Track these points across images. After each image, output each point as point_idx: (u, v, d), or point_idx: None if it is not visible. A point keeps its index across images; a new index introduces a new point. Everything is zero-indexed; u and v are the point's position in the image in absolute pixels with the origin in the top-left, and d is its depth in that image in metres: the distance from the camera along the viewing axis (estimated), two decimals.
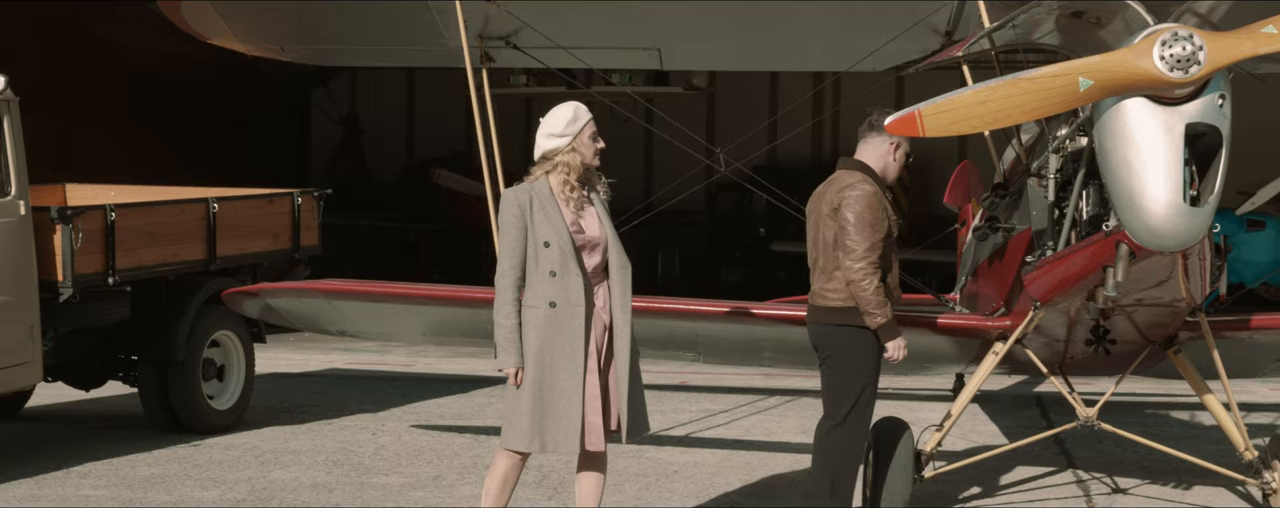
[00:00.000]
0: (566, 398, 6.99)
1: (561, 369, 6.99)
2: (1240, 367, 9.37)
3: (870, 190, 7.57)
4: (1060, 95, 6.93)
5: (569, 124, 7.05)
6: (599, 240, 7.12)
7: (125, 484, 9.23)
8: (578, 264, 7.02)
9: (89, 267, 9.91)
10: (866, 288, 7.50)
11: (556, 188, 7.09)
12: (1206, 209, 7.11)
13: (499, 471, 7.19)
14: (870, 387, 7.71)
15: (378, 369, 14.77)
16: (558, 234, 7.00)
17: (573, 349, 6.99)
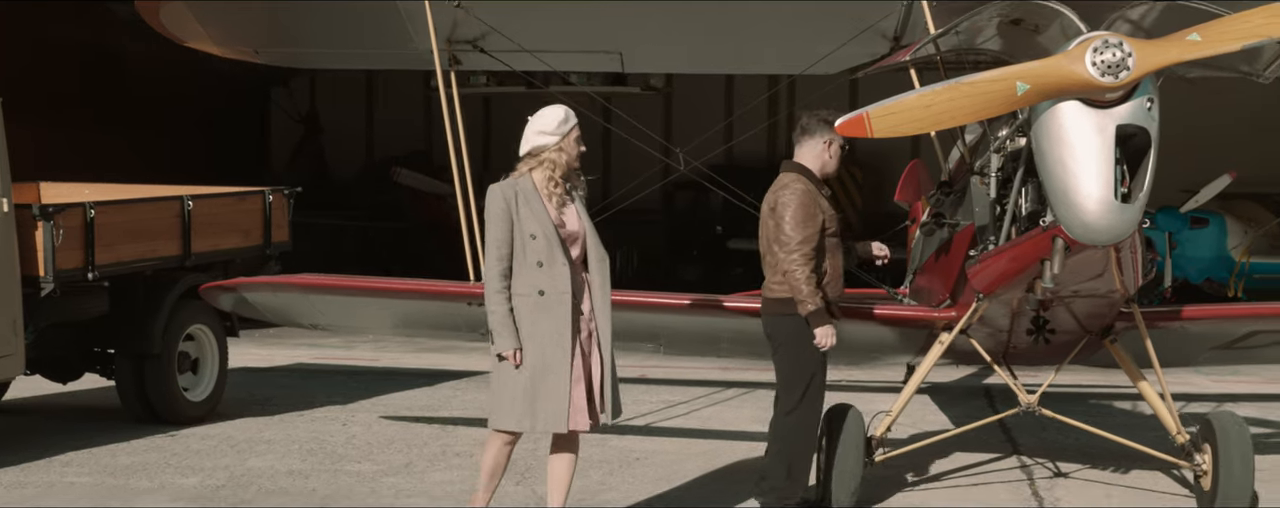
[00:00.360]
0: (556, 380, 7.45)
1: (550, 353, 7.45)
2: (1175, 356, 9.91)
3: (802, 189, 8.15)
4: (999, 98, 7.44)
5: (560, 125, 7.53)
6: (579, 234, 7.60)
7: (107, 472, 9.64)
8: (563, 254, 7.49)
9: (69, 262, 10.30)
10: (799, 278, 8.06)
11: (541, 183, 7.56)
12: (1137, 206, 7.62)
13: (492, 452, 7.65)
14: (819, 374, 8.22)
15: (343, 364, 15.18)
16: (543, 227, 7.46)
17: (560, 334, 7.45)
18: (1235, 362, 11.04)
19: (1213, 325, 9.54)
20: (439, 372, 14.38)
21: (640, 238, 24.96)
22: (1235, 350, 10.10)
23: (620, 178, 21.09)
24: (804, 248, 8.08)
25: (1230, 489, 8.61)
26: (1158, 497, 9.29)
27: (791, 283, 8.12)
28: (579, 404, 7.50)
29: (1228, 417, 8.82)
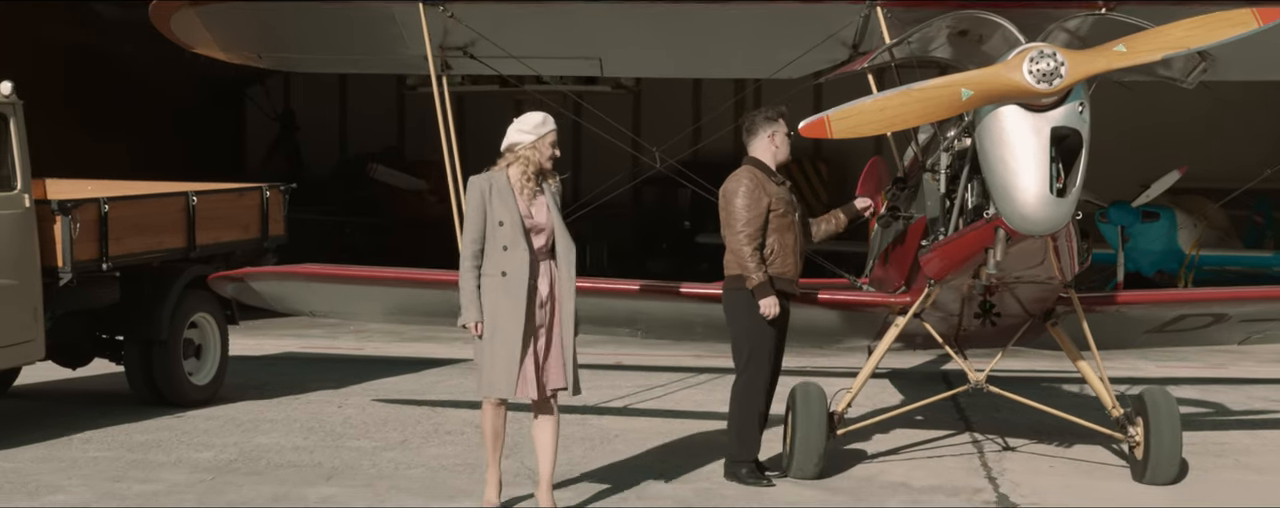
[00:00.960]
0: (508, 352, 8.37)
1: (507, 328, 8.38)
2: (1113, 339, 10.88)
3: (748, 178, 9.32)
4: (945, 103, 8.37)
5: (537, 127, 8.45)
6: (545, 226, 8.51)
7: (126, 448, 10.49)
8: (526, 242, 8.41)
9: (85, 254, 11.16)
10: (745, 254, 9.21)
11: (514, 177, 8.49)
12: (1070, 199, 8.56)
13: (485, 418, 8.55)
14: (763, 343, 9.26)
15: (330, 352, 16.05)
16: (511, 216, 8.40)
17: (516, 312, 8.38)
18: (1170, 344, 11.99)
19: (1144, 310, 10.50)
20: (422, 360, 15.25)
21: (610, 232, 25.91)
22: (1168, 333, 11.07)
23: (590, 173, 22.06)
24: (748, 229, 9.18)
25: (1160, 459, 9.56)
26: (1097, 468, 10.22)
27: (738, 259, 9.21)
28: (529, 376, 8.43)
29: (1159, 392, 9.77)
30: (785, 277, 9.38)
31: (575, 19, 10.49)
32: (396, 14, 10.48)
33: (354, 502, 8.98)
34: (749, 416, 9.43)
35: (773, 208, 9.25)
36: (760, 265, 9.21)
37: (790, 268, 9.39)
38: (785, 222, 9.28)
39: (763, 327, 9.25)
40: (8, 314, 10.61)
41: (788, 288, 9.42)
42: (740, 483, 9.38)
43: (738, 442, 9.41)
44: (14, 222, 10.69)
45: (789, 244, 9.29)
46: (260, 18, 10.75)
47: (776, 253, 9.31)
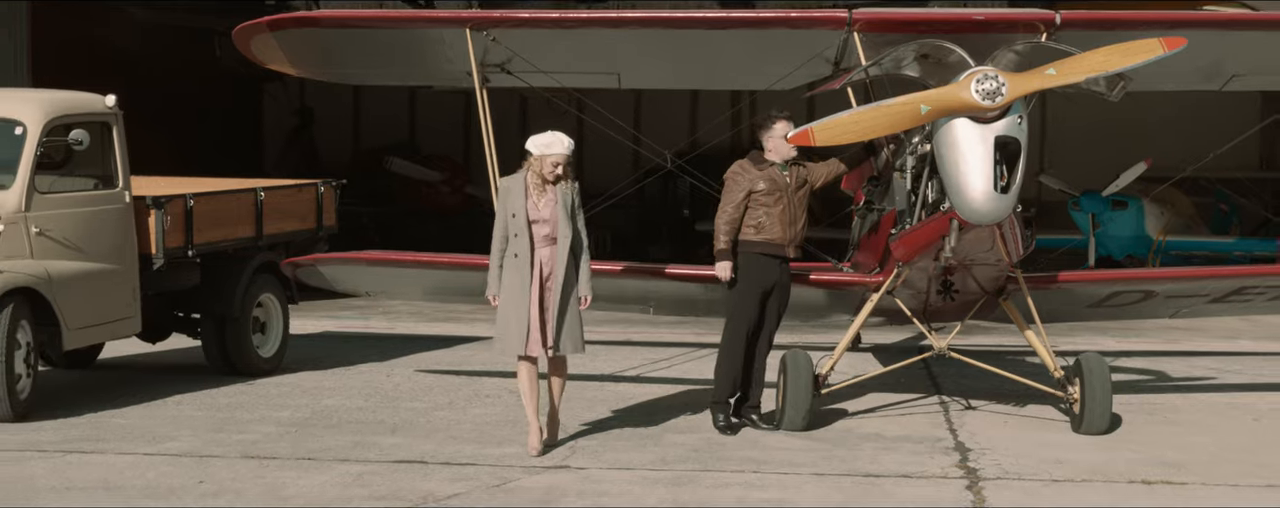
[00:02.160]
0: (517, 318, 10.71)
1: (515, 298, 10.73)
2: (1060, 312, 13.02)
3: (734, 169, 11.58)
4: (908, 116, 10.50)
5: (544, 146, 10.71)
6: (548, 219, 10.74)
7: (214, 409, 12.60)
8: (529, 231, 10.69)
9: (174, 242, 13.26)
10: (718, 227, 11.53)
11: (530, 180, 10.65)
12: (1012, 195, 10.66)
13: (520, 379, 10.70)
14: (743, 301, 11.49)
15: (366, 331, 18.10)
16: (518, 210, 10.69)
17: (522, 286, 10.74)
18: (1110, 318, 14.11)
19: (1082, 287, 12.65)
20: (451, 337, 17.32)
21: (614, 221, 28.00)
22: (1107, 308, 13.21)
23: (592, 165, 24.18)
24: (726, 207, 11.48)
25: (1093, 413, 11.69)
26: (1043, 422, 12.32)
27: (715, 230, 11.26)
28: (534, 337, 10.75)
29: (1093, 358, 11.89)
30: (773, 242, 11.54)
31: (596, 40, 12.60)
32: (444, 36, 12.56)
33: (421, 446, 11.10)
34: (728, 360, 11.58)
35: (759, 190, 11.37)
36: (726, 238, 11.53)
37: (778, 235, 11.52)
38: (773, 199, 11.40)
39: (742, 291, 11.42)
40: (112, 294, 12.73)
41: (777, 252, 11.57)
42: (714, 424, 11.54)
43: (716, 383, 11.62)
44: (117, 215, 12.80)
45: (776, 216, 11.40)
46: (325, 41, 12.84)
47: (765, 224, 11.48)
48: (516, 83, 12.92)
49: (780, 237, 11.53)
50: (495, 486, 9.94)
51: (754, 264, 11.54)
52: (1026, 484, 10.14)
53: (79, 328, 12.40)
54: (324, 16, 12.91)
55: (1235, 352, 17.12)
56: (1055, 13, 11.75)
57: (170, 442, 11.25)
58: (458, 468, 10.42)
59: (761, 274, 11.53)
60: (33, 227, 12.11)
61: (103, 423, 11.90)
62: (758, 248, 11.48)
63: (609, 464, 10.61)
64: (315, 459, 10.70)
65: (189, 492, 9.72)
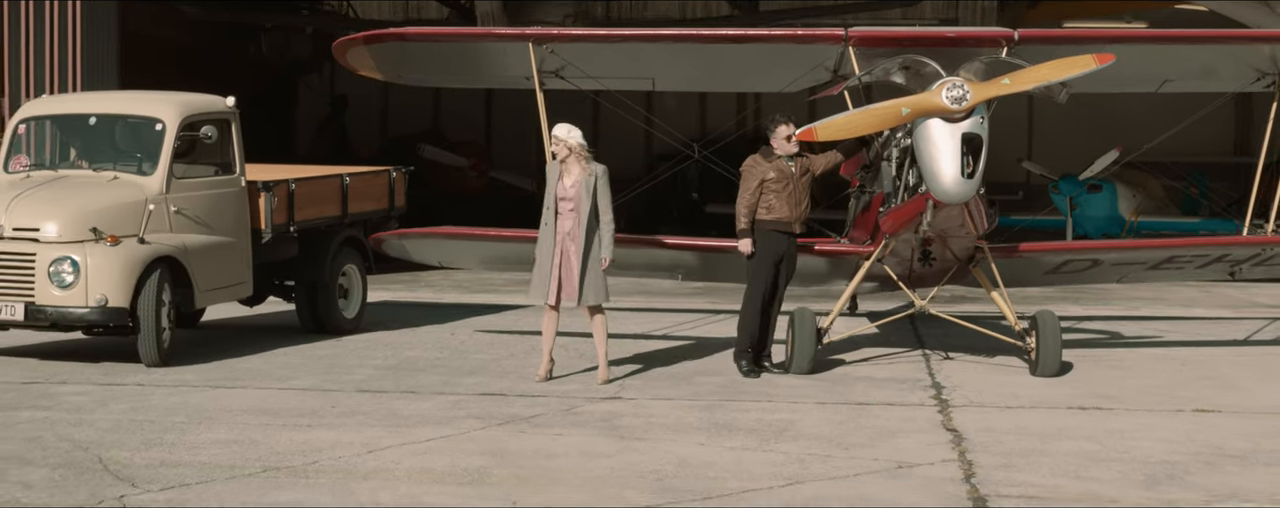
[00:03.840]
0: (543, 273, 13.97)
1: (543, 258, 13.97)
2: (1020, 278, 16.12)
3: (748, 162, 14.52)
4: (892, 117, 13.60)
5: (555, 140, 13.85)
6: (571, 195, 13.98)
7: (318, 358, 15.71)
8: (555, 204, 13.90)
9: (279, 219, 16.35)
10: (738, 211, 14.45)
11: (561, 162, 13.84)
12: (976, 180, 13.74)
13: (544, 319, 14.02)
14: (758, 270, 14.50)
15: (419, 300, 21.17)
16: (551, 186, 13.94)
17: (548, 248, 13.98)
18: (1065, 283, 17.24)
19: (1037, 256, 15.77)
20: (492, 305, 20.41)
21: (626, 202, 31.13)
22: (1062, 274, 16.33)
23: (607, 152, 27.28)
24: (743, 194, 14.44)
25: (1046, 359, 14.78)
26: (1006, 368, 15.41)
27: (736, 214, 14.35)
28: (554, 289, 14.04)
29: (1047, 314, 14.98)
30: (782, 220, 14.55)
31: (636, 51, 15.71)
32: (508, 48, 15.67)
33: (497, 384, 14.22)
34: (748, 317, 14.63)
35: (769, 178, 14.41)
36: (745, 219, 14.51)
37: (786, 214, 14.55)
38: (780, 186, 14.44)
39: (758, 261, 14.48)
40: (232, 263, 15.86)
41: (785, 229, 14.59)
42: (738, 370, 14.60)
43: (738, 335, 14.69)
44: (235, 197, 15.93)
45: (784, 199, 14.43)
46: (410, 52, 15.96)
47: (775, 206, 14.51)
48: (568, 86, 16.01)
49: (788, 216, 14.59)
50: (565, 410, 13.05)
51: (767, 239, 14.62)
52: (985, 409, 13.26)
53: (207, 290, 15.54)
54: (411, 33, 15.98)
55: (1186, 317, 20.29)
56: (1013, 31, 14.87)
57: (294, 380, 14.37)
58: (532, 399, 13.53)
59: (774, 246, 14.59)
60: (171, 206, 15.23)
61: (233, 367, 15.03)
62: (769, 225, 14.54)
63: (653, 396, 13.73)
64: (416, 392, 13.83)
65: (327, 413, 12.83)
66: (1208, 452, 11.57)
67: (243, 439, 11.71)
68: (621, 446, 11.64)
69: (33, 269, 14.55)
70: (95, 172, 15.49)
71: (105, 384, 13.99)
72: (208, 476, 10.55)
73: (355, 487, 10.26)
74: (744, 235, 14.57)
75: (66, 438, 11.69)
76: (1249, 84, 15.91)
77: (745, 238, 14.57)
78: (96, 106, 16.22)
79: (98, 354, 15.43)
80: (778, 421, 12.65)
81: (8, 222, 14.73)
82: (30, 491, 10.11)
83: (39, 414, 12.61)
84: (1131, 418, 12.96)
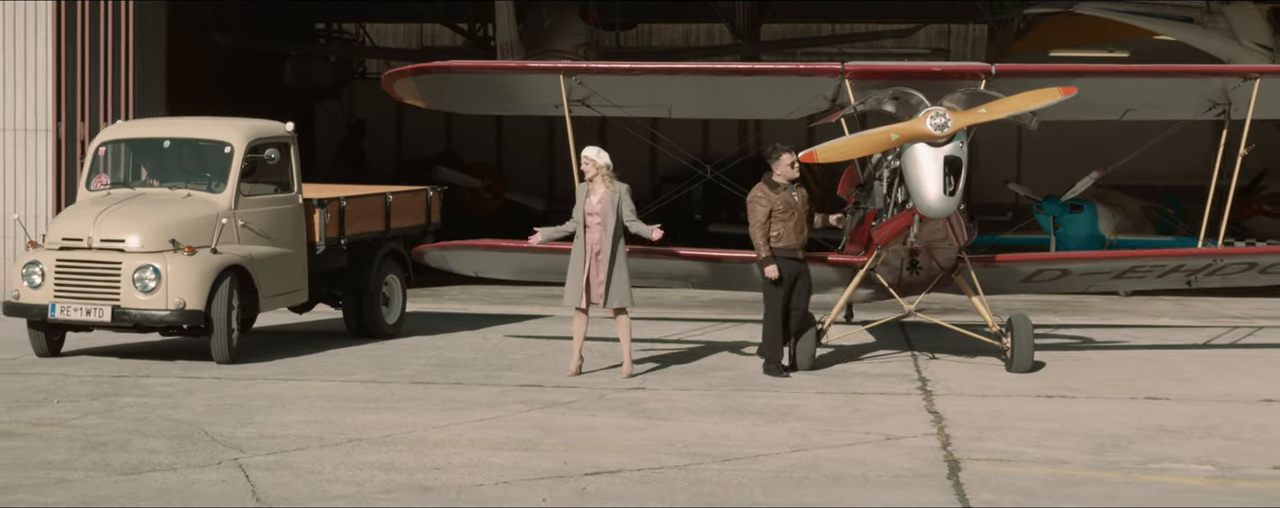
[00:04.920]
0: (575, 279, 16.19)
1: (575, 265, 16.19)
2: (998, 285, 18.37)
3: (757, 192, 16.53)
4: (882, 141, 15.86)
5: (586, 160, 16.06)
6: (597, 211, 16.22)
7: (368, 357, 17.92)
8: (583, 219, 16.09)
9: (331, 233, 18.58)
10: (755, 240, 16.48)
11: (592, 177, 16.09)
12: (957, 197, 15.98)
13: (575, 320, 16.19)
14: (773, 290, 16.56)
15: (446, 311, 23.38)
16: (579, 204, 16.14)
17: (579, 258, 16.21)
18: (1039, 291, 19.51)
19: (1011, 266, 18.02)
20: (514, 315, 22.62)
21: None
22: (1035, 283, 18.59)
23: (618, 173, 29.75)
24: (757, 225, 16.48)
25: (1020, 357, 17.01)
26: (985, 365, 17.62)
27: (753, 242, 16.53)
28: (583, 294, 16.23)
29: (1020, 317, 17.22)
30: (789, 247, 16.72)
31: (655, 83, 17.98)
32: (541, 80, 17.94)
33: (534, 377, 16.43)
34: (770, 332, 16.77)
35: (777, 208, 16.58)
36: (765, 247, 16.56)
37: (793, 242, 16.72)
38: (787, 214, 16.59)
39: (774, 285, 16.58)
40: (291, 272, 18.09)
41: (792, 254, 16.76)
42: (768, 373, 16.76)
43: (765, 346, 16.81)
44: (294, 213, 18.17)
45: (790, 228, 16.56)
46: (454, 83, 18.24)
47: (782, 234, 16.66)
48: (594, 113, 18.26)
49: (794, 243, 16.69)
50: (597, 397, 15.27)
51: (778, 264, 16.75)
52: (964, 397, 15.50)
53: (269, 296, 17.78)
54: (455, 66, 18.24)
55: (1154, 325, 22.56)
56: (991, 66, 17.15)
57: (353, 375, 16.59)
58: (567, 389, 15.76)
59: (784, 270, 16.70)
60: (238, 221, 17.46)
61: (295, 364, 17.26)
62: (778, 252, 16.64)
63: (673, 387, 15.97)
64: (463, 384, 16.05)
65: (388, 400, 15.04)
66: (1151, 429, 13.80)
67: (322, 419, 13.93)
68: (650, 423, 13.87)
69: (119, 276, 16.77)
70: (170, 190, 17.70)
71: (187, 378, 16.20)
72: (301, 444, 12.76)
73: (428, 453, 12.47)
74: (769, 262, 16.50)
75: (169, 418, 13.90)
76: (1203, 113, 18.18)
77: (770, 264, 16.55)
78: (170, 131, 18.47)
79: (172, 354, 17.66)
80: (783, 405, 14.88)
81: (96, 233, 16.95)
82: (157, 455, 12.31)
83: (138, 400, 14.82)
84: (1090, 404, 15.19)
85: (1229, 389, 16.14)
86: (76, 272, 16.89)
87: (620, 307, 16.39)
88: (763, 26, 36.64)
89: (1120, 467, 12.19)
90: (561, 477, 11.60)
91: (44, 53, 23.29)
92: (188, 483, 11.31)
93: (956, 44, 39.24)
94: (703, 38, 38.71)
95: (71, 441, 12.81)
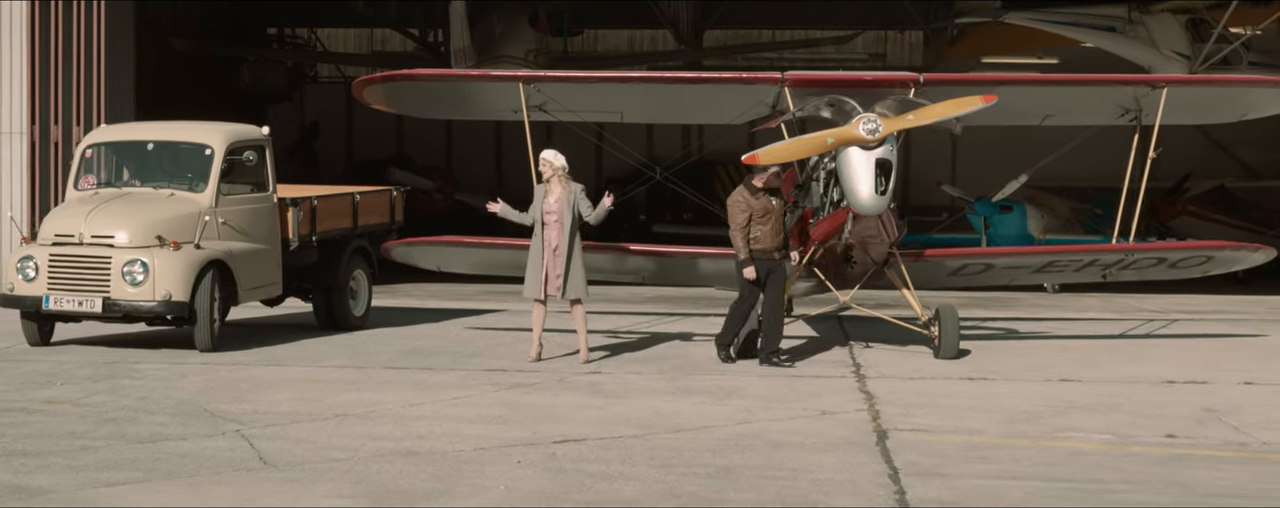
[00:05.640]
0: (533, 274, 17.85)
1: (534, 260, 17.86)
2: (927, 279, 20.16)
3: (736, 197, 18.14)
4: (819, 145, 17.62)
5: (543, 160, 17.74)
6: (555, 209, 17.89)
7: (340, 346, 19.54)
8: (541, 218, 17.76)
9: (303, 231, 20.20)
10: (736, 241, 18.08)
11: (549, 178, 17.80)
12: (887, 195, 17.72)
13: (534, 311, 17.94)
14: (749, 290, 18.20)
15: (406, 306, 25.02)
16: (537, 203, 17.82)
17: (537, 252, 17.89)
18: (967, 284, 21.31)
19: (939, 261, 19.81)
20: (470, 309, 24.29)
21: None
22: (962, 276, 20.39)
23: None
24: (738, 228, 18.07)
25: (946, 345, 18.78)
26: (914, 353, 19.37)
27: (733, 245, 18.18)
28: (541, 286, 17.88)
29: (947, 308, 19.00)
30: (766, 249, 18.29)
31: (608, 90, 19.70)
32: (501, 87, 19.62)
33: (498, 362, 18.10)
34: (733, 320, 18.43)
35: (756, 212, 18.23)
36: (744, 248, 18.20)
37: (770, 244, 18.28)
38: (765, 219, 18.19)
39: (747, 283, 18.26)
40: (267, 267, 19.71)
41: (768, 255, 18.36)
42: (717, 356, 18.45)
43: (722, 331, 18.50)
44: (268, 212, 19.79)
45: (768, 231, 18.14)
46: (420, 90, 19.91)
47: (760, 238, 18.32)
48: (550, 118, 19.97)
49: (770, 245, 18.26)
50: (557, 380, 16.95)
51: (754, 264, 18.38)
52: (893, 380, 17.25)
53: (247, 289, 19.39)
54: (422, 74, 19.94)
55: (1078, 318, 24.43)
56: (919, 76, 18.94)
57: (329, 361, 18.23)
58: (528, 373, 17.43)
59: (758, 268, 18.33)
60: (219, 218, 19.06)
61: (274, 352, 18.88)
62: (756, 254, 18.25)
63: (627, 371, 17.67)
64: (433, 369, 17.71)
65: (366, 382, 16.67)
66: (1061, 405, 15.59)
67: (308, 398, 15.55)
68: (608, 401, 15.57)
69: (109, 269, 18.34)
70: (154, 189, 19.28)
71: (175, 364, 17.79)
72: (294, 419, 14.38)
73: (410, 425, 14.11)
74: (748, 264, 17.97)
75: (169, 397, 15.50)
76: (1116, 119, 20.03)
77: (749, 265, 18.00)
78: (153, 135, 20.05)
79: (157, 343, 19.25)
80: (728, 386, 16.61)
81: (87, 230, 18.52)
82: (166, 428, 13.91)
83: (136, 383, 16.41)
84: (1008, 385, 16.98)
85: (1136, 373, 17.95)
86: (69, 266, 18.45)
87: (576, 298, 18.07)
88: (706, 33, 38.44)
89: (1029, 435, 13.95)
90: (532, 444, 13.26)
91: (18, 58, 24.86)
92: (200, 449, 12.92)
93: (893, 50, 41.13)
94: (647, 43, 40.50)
95: (85, 416, 14.39)
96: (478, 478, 11.87)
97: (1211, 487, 11.87)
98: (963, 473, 12.22)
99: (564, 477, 11.94)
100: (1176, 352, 20.03)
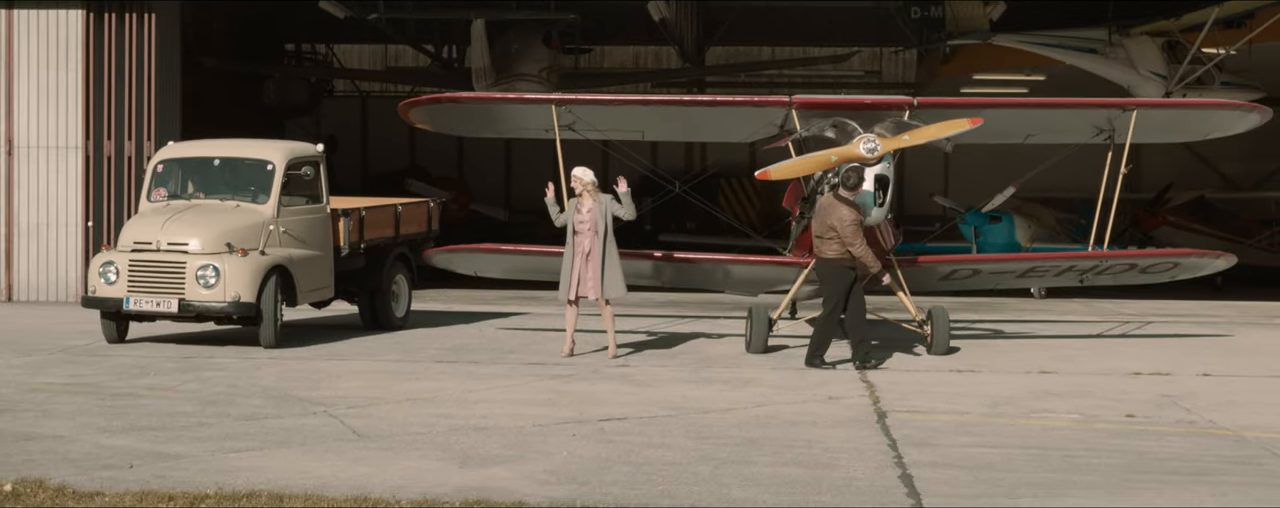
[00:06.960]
0: (566, 278, 20.51)
1: (567, 265, 20.54)
2: (920, 283, 22.83)
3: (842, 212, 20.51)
4: (823, 162, 20.29)
5: (575, 177, 20.36)
6: (587, 219, 20.54)
7: (390, 344, 22.15)
8: (573, 225, 20.44)
9: (353, 239, 22.83)
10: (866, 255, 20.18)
11: (580, 193, 20.46)
12: (885, 208, 20.39)
13: (567, 312, 20.56)
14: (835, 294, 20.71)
15: (436, 309, 27.63)
16: (571, 213, 20.44)
17: (570, 258, 20.54)
18: (958, 288, 24.00)
19: (931, 266, 22.48)
20: (498, 312, 26.92)
21: None
22: (952, 280, 23.06)
23: None
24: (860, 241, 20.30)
25: (938, 341, 21.45)
26: (910, 349, 22.04)
27: (861, 255, 20.43)
28: (574, 287, 20.47)
29: (938, 308, 21.66)
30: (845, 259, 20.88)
31: (632, 111, 22.38)
32: (534, 108, 22.29)
33: (534, 358, 20.72)
34: (823, 331, 20.95)
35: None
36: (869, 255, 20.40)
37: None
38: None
39: (832, 289, 20.77)
40: (321, 272, 22.35)
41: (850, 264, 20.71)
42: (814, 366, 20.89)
43: (815, 344, 20.97)
44: (323, 221, 22.44)
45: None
46: (460, 111, 22.58)
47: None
48: (579, 137, 22.63)
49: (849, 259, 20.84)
50: (592, 372, 19.60)
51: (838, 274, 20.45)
52: (891, 372, 19.92)
53: (305, 292, 22.03)
54: (464, 97, 22.60)
55: (1060, 320, 27.13)
56: (913, 99, 21.62)
57: (383, 356, 20.86)
58: (564, 366, 20.07)
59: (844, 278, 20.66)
60: (280, 227, 21.69)
61: (332, 349, 21.51)
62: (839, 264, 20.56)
63: (652, 365, 20.33)
64: (478, 362, 20.36)
65: (423, 373, 19.30)
66: (1038, 392, 18.26)
67: (376, 386, 18.18)
68: (640, 389, 18.22)
69: (184, 274, 20.96)
70: (220, 201, 21.90)
71: (247, 359, 20.41)
72: (370, 402, 17.00)
73: (473, 407, 16.74)
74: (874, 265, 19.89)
75: (255, 385, 18.13)
76: (1092, 138, 22.71)
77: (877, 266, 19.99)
78: (219, 151, 22.69)
79: (223, 341, 21.87)
80: (745, 377, 19.27)
81: (163, 238, 21.14)
82: (263, 409, 16.52)
83: (219, 374, 19.02)
84: (993, 376, 19.66)
85: (1107, 366, 20.64)
86: (147, 270, 21.06)
87: (614, 297, 20.66)
88: (708, 50, 41.13)
89: (1008, 415, 16.62)
90: (582, 421, 15.90)
91: (75, 79, 27.51)
92: (299, 425, 15.55)
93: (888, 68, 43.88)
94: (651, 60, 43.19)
95: (188, 400, 17.01)
96: (542, 446, 14.52)
97: (1159, 454, 14.55)
98: (951, 444, 14.87)
99: (614, 445, 14.58)
100: (1147, 349, 22.70)
